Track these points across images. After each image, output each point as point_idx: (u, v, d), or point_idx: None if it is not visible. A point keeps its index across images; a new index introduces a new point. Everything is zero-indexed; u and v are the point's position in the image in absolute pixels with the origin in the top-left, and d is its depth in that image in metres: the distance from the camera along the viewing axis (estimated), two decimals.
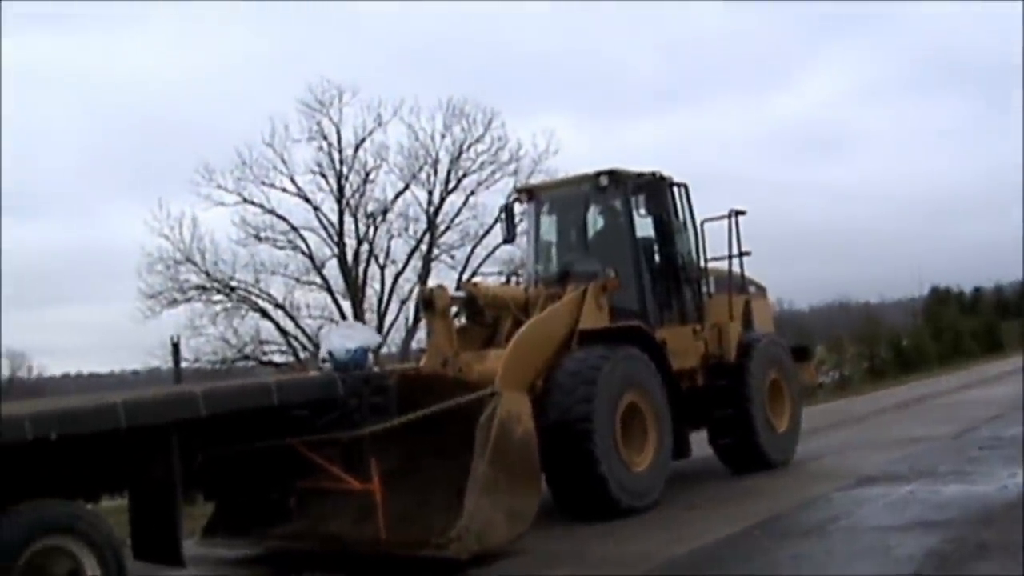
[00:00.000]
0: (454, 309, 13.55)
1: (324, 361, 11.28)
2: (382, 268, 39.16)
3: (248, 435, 10.23)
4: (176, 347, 15.94)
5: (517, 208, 16.05)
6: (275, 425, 10.34)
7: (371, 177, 38.84)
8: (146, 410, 9.09)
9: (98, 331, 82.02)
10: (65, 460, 8.78)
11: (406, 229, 39.20)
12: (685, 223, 14.93)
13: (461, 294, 13.92)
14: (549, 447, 11.45)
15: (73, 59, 75.05)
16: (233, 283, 37.89)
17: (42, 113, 75.58)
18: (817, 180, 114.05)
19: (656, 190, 14.49)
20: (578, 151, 47.33)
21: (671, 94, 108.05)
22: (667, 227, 14.64)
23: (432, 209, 39.13)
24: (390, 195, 39.15)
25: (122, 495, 10.24)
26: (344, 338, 11.40)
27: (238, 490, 11.50)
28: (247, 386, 10.80)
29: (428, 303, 13.17)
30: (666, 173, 14.72)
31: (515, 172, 38.48)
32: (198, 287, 37.71)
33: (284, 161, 37.84)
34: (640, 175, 14.44)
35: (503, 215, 16.22)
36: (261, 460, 10.66)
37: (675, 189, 14.85)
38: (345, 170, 38.52)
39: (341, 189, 38.59)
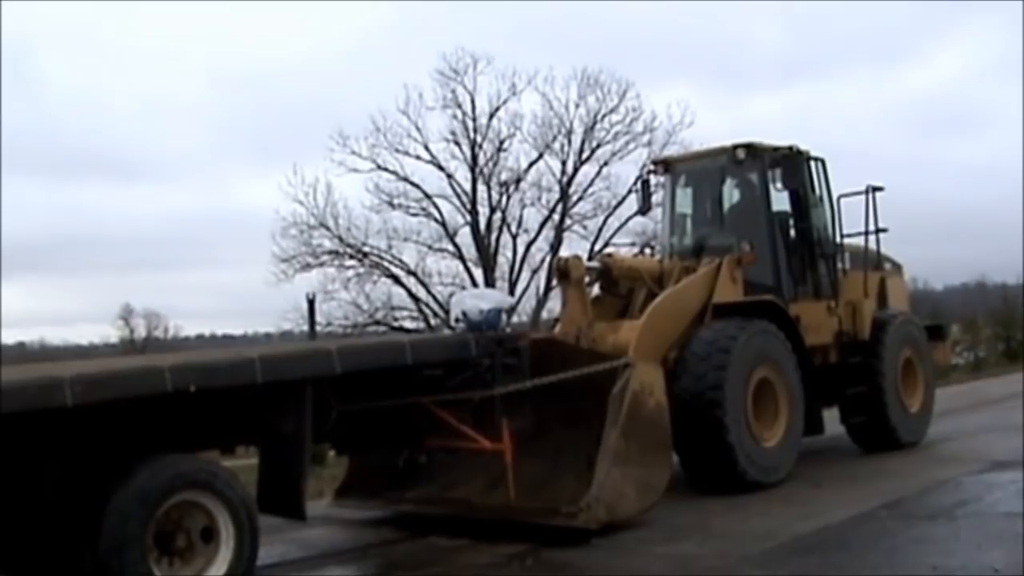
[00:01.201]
0: (588, 279, 13.58)
1: (457, 321, 11.36)
2: (514, 237, 39.33)
3: (381, 393, 10.39)
4: (311, 304, 16.14)
5: (652, 180, 15.95)
6: (408, 384, 10.48)
7: (505, 146, 39.00)
8: (282, 365, 9.26)
9: (232, 294, 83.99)
10: (203, 412, 9.01)
11: (539, 199, 39.32)
12: (821, 198, 14.76)
13: (596, 264, 13.93)
14: (680, 416, 11.44)
15: (203, 30, 76.40)
16: (366, 249, 38.36)
17: (176, 85, 77.42)
18: (947, 158, 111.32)
19: (793, 164, 14.34)
20: (704, 123, 46.93)
21: (797, 66, 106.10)
22: (803, 202, 14.50)
23: (565, 179, 39.16)
24: (523, 164, 39.29)
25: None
26: (478, 299, 11.47)
27: (369, 447, 11.65)
28: (381, 344, 10.94)
29: (563, 273, 13.21)
30: (803, 147, 14.55)
31: (649, 143, 38.32)
32: (331, 252, 38.24)
33: (418, 129, 38.19)
34: (777, 149, 14.31)
35: (638, 186, 16.21)
36: (393, 418, 10.79)
37: (812, 163, 14.68)
38: (479, 139, 38.73)
39: (475, 157, 38.79)
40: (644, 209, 16.56)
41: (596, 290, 13.91)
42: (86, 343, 57.46)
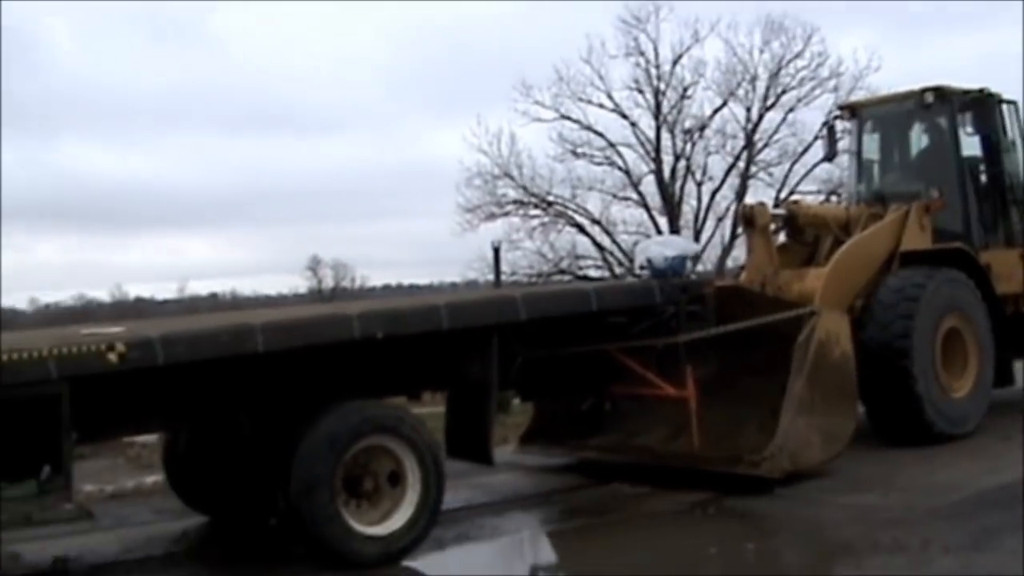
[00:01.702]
0: (774, 227, 13.49)
1: (642, 268, 11.40)
2: (699, 185, 39.04)
3: (565, 340, 10.52)
4: (497, 253, 16.36)
5: (839, 126, 15.70)
6: (592, 331, 10.59)
7: (688, 93, 38.64)
8: (468, 312, 9.46)
9: (417, 244, 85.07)
10: (389, 359, 9.26)
11: (723, 146, 38.91)
12: (1014, 143, 14.32)
13: (781, 212, 13.82)
14: (866, 365, 11.29)
15: None
16: (550, 198, 38.51)
17: (358, 40, 78.52)
18: None
19: (984, 108, 13.98)
20: (891, 68, 45.60)
21: (989, 7, 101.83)
22: (994, 147, 14.10)
23: (750, 126, 38.66)
24: (707, 111, 38.88)
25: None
26: (662, 246, 11.49)
27: (554, 394, 11.82)
28: (566, 291, 11.08)
29: (748, 220, 13.13)
30: (994, 90, 14.16)
31: (835, 89, 37.48)
32: (515, 202, 38.50)
33: (601, 77, 38.06)
34: (967, 92, 13.94)
35: (824, 133, 15.98)
36: (577, 365, 10.93)
37: (1004, 107, 14.24)
38: (662, 86, 38.44)
39: (658, 105, 38.54)
40: (830, 156, 16.31)
41: (782, 238, 13.81)
42: (275, 293, 58.92)
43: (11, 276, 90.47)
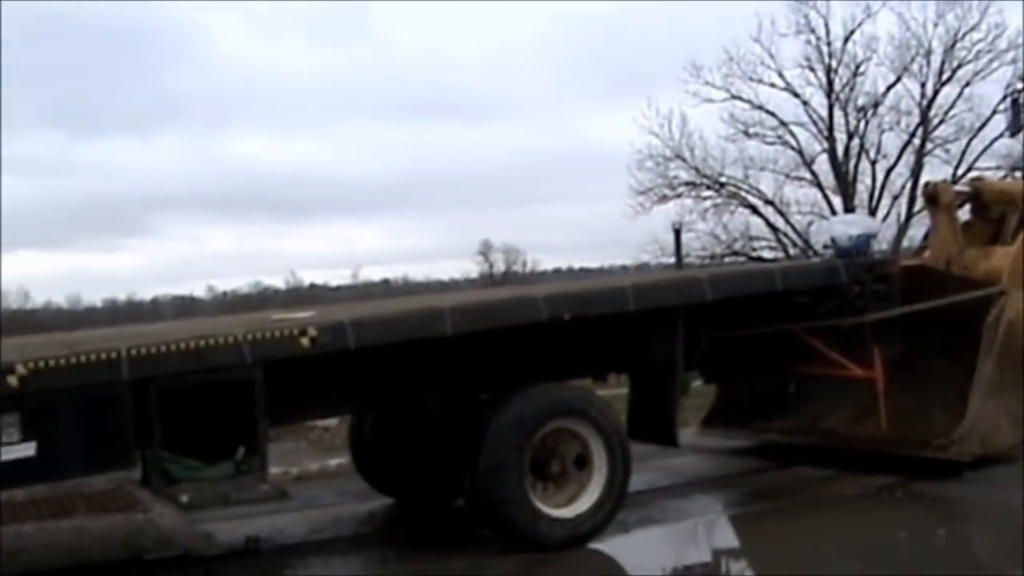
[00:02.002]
0: (957, 204, 13.11)
1: (826, 247, 11.21)
2: (873, 163, 38.14)
3: (749, 320, 10.39)
4: (678, 234, 16.28)
5: (1022, 99, 15.19)
6: (776, 311, 10.42)
7: (861, 70, 37.70)
8: (654, 293, 9.37)
9: (587, 228, 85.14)
10: (575, 341, 9.22)
11: (898, 123, 37.87)
12: None
13: (966, 189, 13.42)
14: None
15: None
16: (722, 179, 38.07)
17: (520, 28, 78.88)
18: None
19: None
20: None
21: None
22: None
23: (925, 101, 37.57)
24: (880, 88, 37.90)
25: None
26: (846, 224, 11.28)
27: (738, 375, 11.68)
28: (752, 271, 10.93)
29: (932, 198, 12.76)
30: None
31: (1014, 61, 36.23)
32: (687, 183, 38.15)
33: (771, 56, 37.39)
34: None
35: (1005, 106, 15.48)
36: (761, 345, 10.77)
37: None
38: (834, 63, 37.61)
39: (830, 83, 37.74)
40: (1014, 130, 15.80)
41: (965, 215, 13.40)
42: (447, 279, 59.51)
43: (187, 264, 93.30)
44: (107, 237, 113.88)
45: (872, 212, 36.59)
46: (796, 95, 37.79)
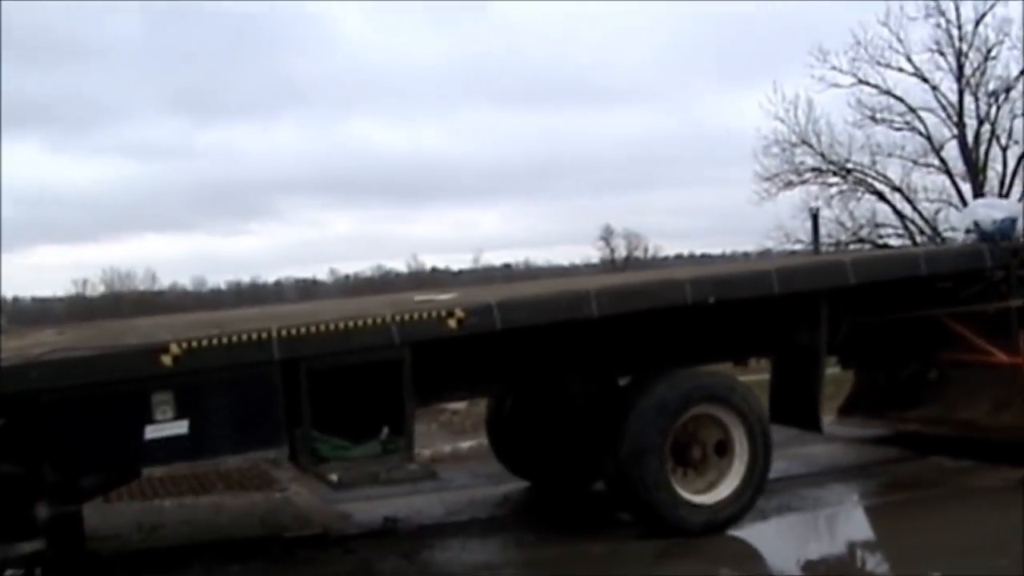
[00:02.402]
0: None
1: (968, 232, 10.97)
2: (1004, 149, 37.20)
3: (890, 305, 10.22)
4: (815, 218, 16.04)
5: None
6: (918, 296, 10.23)
7: (992, 54, 36.85)
8: (798, 277, 9.26)
9: (710, 213, 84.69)
10: (717, 324, 9.15)
11: None
12: None
13: None
14: None
15: None
16: (849, 165, 37.50)
17: (641, 12, 78.51)
18: None
19: None
20: None
21: None
22: None
23: None
24: (1013, 72, 37.00)
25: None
26: (990, 208, 11.03)
27: (879, 360, 11.49)
28: (895, 255, 10.76)
29: None
30: None
31: None
32: (813, 169, 37.60)
33: (900, 40, 36.71)
34: None
35: None
36: (902, 331, 10.60)
37: None
38: (964, 47, 36.76)
39: (960, 67, 36.92)
40: None
41: None
42: (567, 263, 59.61)
43: (309, 248, 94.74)
44: (230, 220, 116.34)
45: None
46: (925, 80, 37.02)
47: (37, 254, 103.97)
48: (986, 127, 36.79)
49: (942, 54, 36.79)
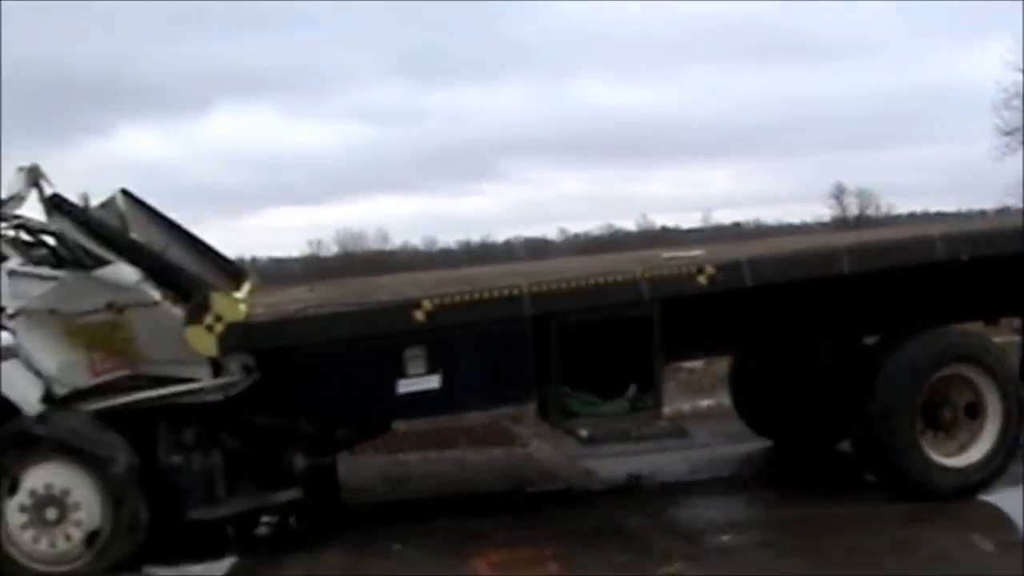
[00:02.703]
0: None
1: None
2: None
3: None
4: None
5: None
6: None
7: None
8: None
9: (944, 171, 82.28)
10: (967, 282, 8.80)
11: None
12: None
13: None
14: None
15: None
16: None
17: None
18: None
19: None
20: None
21: None
22: None
23: None
24: None
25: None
26: None
27: None
28: None
29: None
30: None
31: None
32: None
33: None
34: None
35: None
36: None
37: None
38: None
39: None
40: None
41: None
42: (798, 222, 58.53)
43: (538, 208, 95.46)
44: (458, 181, 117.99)
45: None
46: None
47: (272, 216, 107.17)
48: None
49: None
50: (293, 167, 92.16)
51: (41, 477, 7.54)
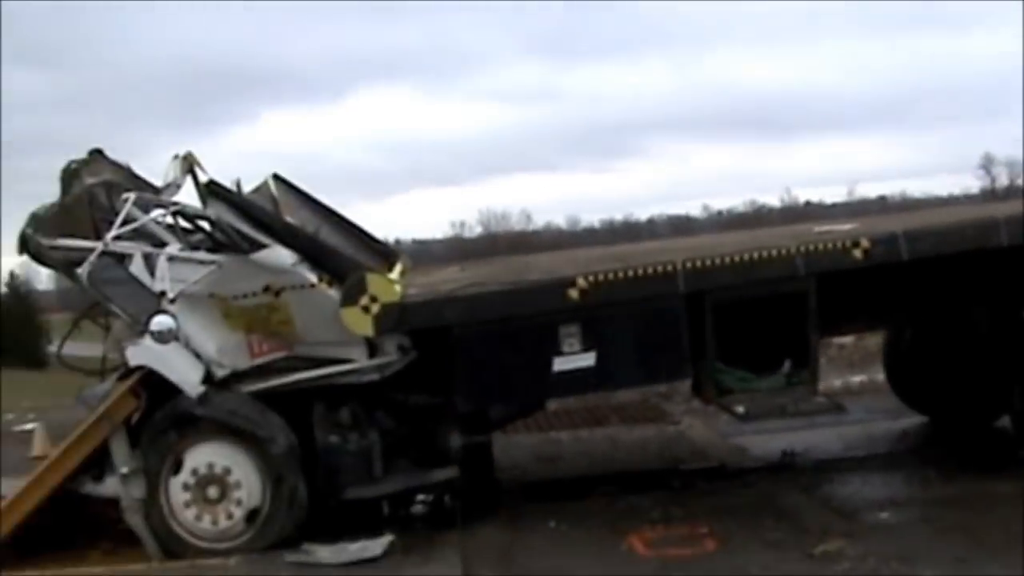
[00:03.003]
0: None
1: None
2: None
3: None
4: None
5: None
6: None
7: None
8: None
9: None
10: None
11: None
12: None
13: None
14: None
15: None
16: None
17: None
18: None
19: None
20: None
21: None
22: None
23: None
24: None
25: None
26: None
27: None
28: None
29: None
30: None
31: None
32: None
33: None
34: None
35: None
36: None
37: None
38: None
39: None
40: None
41: None
42: (945, 194, 57.41)
43: (681, 184, 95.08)
44: (599, 160, 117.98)
45: None
46: None
47: (415, 198, 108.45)
48: None
49: None
50: (434, 149, 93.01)
51: (203, 456, 7.80)
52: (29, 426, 15.63)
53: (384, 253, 9.35)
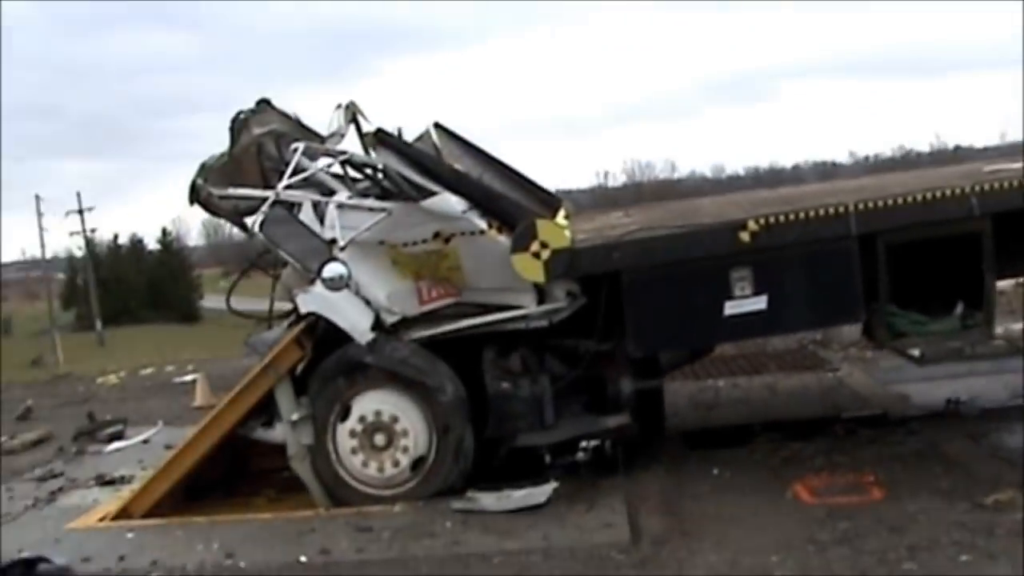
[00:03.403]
0: None
1: None
2: None
3: None
4: None
5: None
6: None
7: None
8: None
9: None
10: None
11: None
12: None
13: None
14: None
15: None
16: None
17: None
18: None
19: None
20: None
21: None
22: None
23: None
24: None
25: None
26: None
27: None
28: None
29: None
30: None
31: None
32: None
33: None
34: None
35: None
36: None
37: None
38: None
39: None
40: None
41: None
42: None
43: (824, 130, 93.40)
44: (742, 106, 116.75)
45: None
46: None
47: (557, 148, 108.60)
48: None
49: None
50: (573, 98, 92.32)
51: (371, 404, 7.92)
52: (189, 377, 16.17)
53: (547, 200, 9.34)
